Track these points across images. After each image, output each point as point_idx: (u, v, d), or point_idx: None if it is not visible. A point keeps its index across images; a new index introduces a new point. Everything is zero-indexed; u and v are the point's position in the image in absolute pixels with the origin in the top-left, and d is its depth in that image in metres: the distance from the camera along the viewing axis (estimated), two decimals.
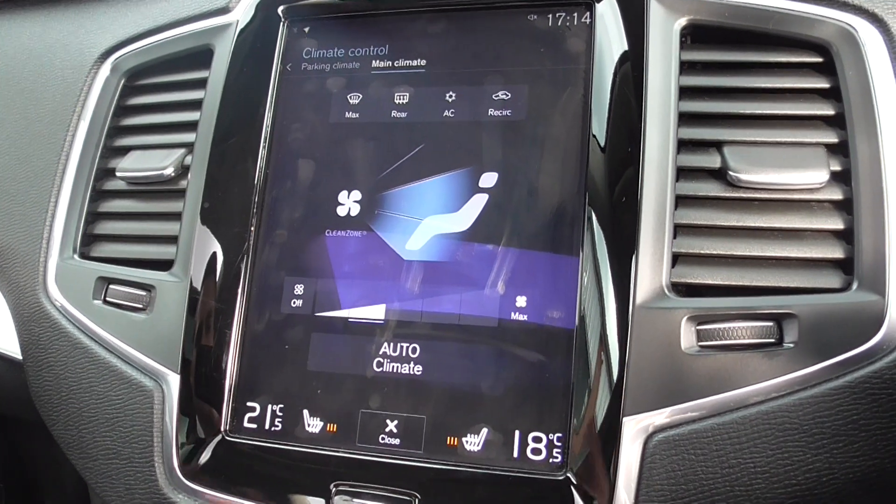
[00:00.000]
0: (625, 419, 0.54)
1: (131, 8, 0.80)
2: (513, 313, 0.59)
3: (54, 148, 0.77)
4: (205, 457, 0.63)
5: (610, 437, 0.55)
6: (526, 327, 0.59)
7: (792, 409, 0.52)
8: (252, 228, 0.66)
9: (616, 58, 0.60)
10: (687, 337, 0.54)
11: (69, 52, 0.81)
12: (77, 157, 0.76)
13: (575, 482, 0.55)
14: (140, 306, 0.69)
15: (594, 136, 0.59)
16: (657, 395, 0.54)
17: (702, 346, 0.54)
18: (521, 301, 0.59)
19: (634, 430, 0.54)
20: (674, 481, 0.53)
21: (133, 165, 0.73)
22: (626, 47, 0.60)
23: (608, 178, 0.58)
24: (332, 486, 0.59)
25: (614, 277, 0.57)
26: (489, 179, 0.62)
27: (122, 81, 0.78)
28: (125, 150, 0.75)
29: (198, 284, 0.66)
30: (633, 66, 0.60)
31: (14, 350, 0.79)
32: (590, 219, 0.58)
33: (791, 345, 0.53)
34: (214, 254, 0.67)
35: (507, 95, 0.63)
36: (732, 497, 0.53)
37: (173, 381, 0.65)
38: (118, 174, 0.73)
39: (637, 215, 0.57)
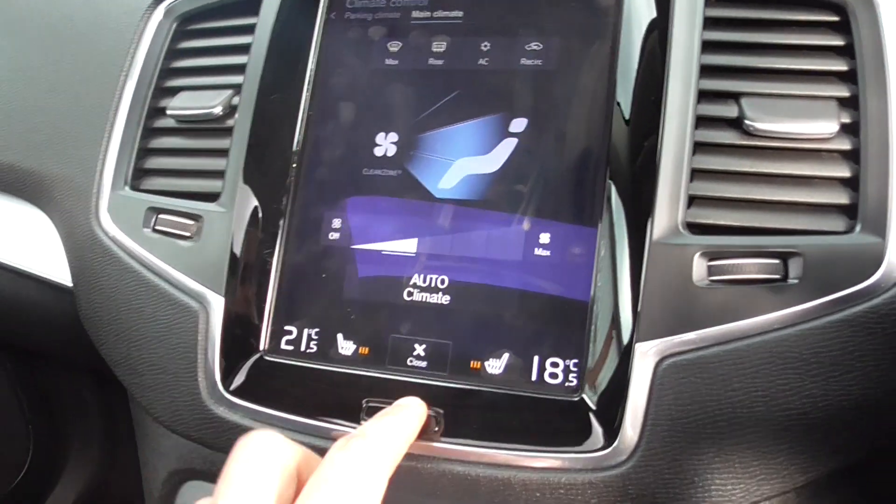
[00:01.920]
0: (637, 345, 0.58)
1: None
2: (536, 249, 0.63)
3: (108, 88, 0.82)
4: (244, 373, 0.68)
5: (622, 361, 0.59)
6: (548, 261, 0.63)
7: (793, 339, 0.56)
8: (294, 166, 0.71)
9: (643, 12, 0.64)
10: (699, 271, 0.58)
11: None
12: (130, 96, 0.81)
13: (589, 404, 0.59)
14: (188, 234, 0.73)
15: (621, 82, 0.63)
16: (669, 323, 0.58)
17: (712, 280, 0.58)
18: (545, 238, 0.63)
19: (646, 356, 0.58)
20: (681, 403, 0.58)
21: (183, 104, 0.77)
22: (653, 2, 0.64)
23: (632, 125, 0.62)
24: (363, 402, 0.64)
25: (633, 216, 0.60)
26: (519, 125, 0.66)
27: (175, 25, 0.82)
28: (176, 91, 0.79)
29: (243, 215, 0.71)
30: (659, 20, 0.63)
31: (62, 278, 0.85)
32: (613, 162, 0.62)
33: (795, 281, 0.57)
34: (259, 188, 0.71)
35: (539, 46, 0.67)
36: (735, 418, 0.57)
37: (217, 303, 0.70)
38: (168, 112, 0.78)
39: (657, 159, 0.61)
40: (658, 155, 0.60)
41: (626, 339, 0.59)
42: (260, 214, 0.70)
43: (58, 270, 0.85)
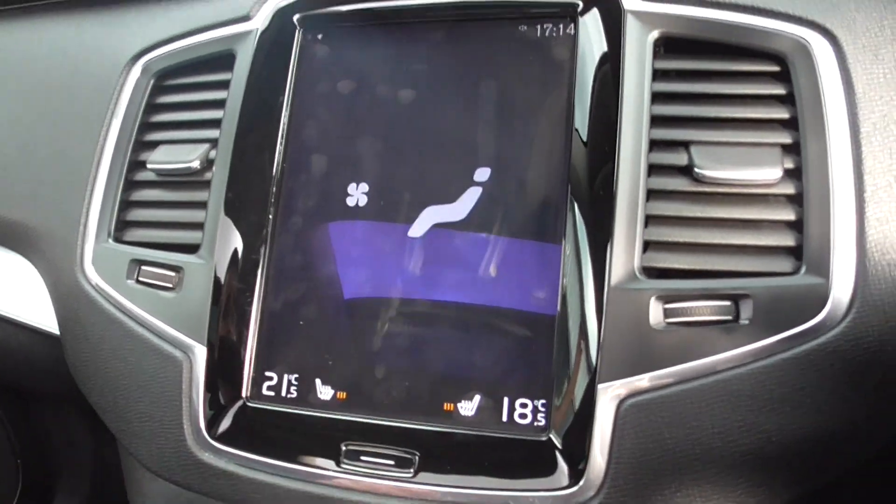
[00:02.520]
0: (599, 386, 0.62)
1: (160, 14, 0.87)
2: (503, 294, 0.66)
3: (90, 142, 0.84)
4: (228, 420, 0.71)
5: (586, 402, 0.62)
6: (514, 306, 0.66)
7: (746, 377, 0.59)
8: (270, 216, 0.74)
9: (596, 65, 0.67)
10: (655, 314, 0.61)
11: (103, 54, 0.88)
12: (111, 150, 0.83)
13: (556, 443, 0.63)
14: (170, 285, 0.76)
15: (577, 134, 0.66)
16: (628, 365, 0.61)
17: (668, 323, 0.61)
18: (510, 283, 0.67)
19: (608, 396, 0.61)
20: (643, 440, 0.61)
21: (162, 158, 0.80)
22: (605, 55, 0.67)
23: (588, 174, 0.65)
24: (342, 445, 0.67)
25: (592, 262, 0.64)
26: (483, 174, 0.69)
27: (152, 81, 0.85)
28: (155, 145, 0.82)
29: (222, 266, 0.73)
30: (611, 73, 0.66)
31: (49, 325, 0.87)
32: (572, 210, 0.65)
33: (746, 321, 0.60)
34: (237, 239, 0.74)
35: (500, 98, 0.70)
36: (693, 454, 0.60)
37: (200, 352, 0.73)
38: (149, 166, 0.80)
39: (613, 207, 0.64)
40: (614, 202, 0.63)
41: (588, 380, 0.62)
42: (239, 265, 0.73)
43: (46, 318, 0.87)
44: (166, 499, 0.79)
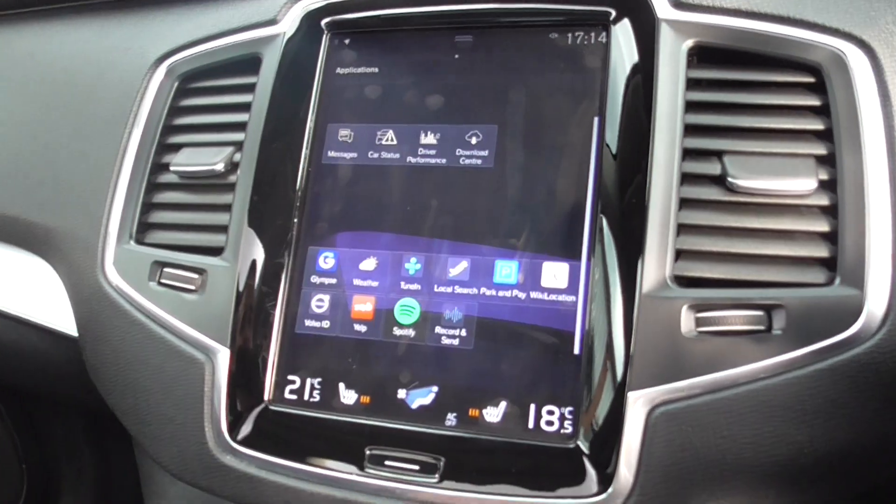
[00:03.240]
0: (629, 394, 0.61)
1: (185, 17, 0.87)
2: (533, 302, 0.66)
3: (113, 144, 0.84)
4: (250, 423, 0.71)
5: (616, 409, 0.61)
6: (544, 314, 0.66)
7: (778, 388, 0.59)
8: (295, 220, 0.73)
9: (628, 74, 0.67)
10: (687, 323, 0.61)
11: (128, 56, 0.88)
12: (134, 152, 0.83)
13: (584, 450, 0.62)
14: (193, 288, 0.76)
15: (607, 144, 0.66)
16: (659, 373, 0.61)
17: (700, 332, 0.61)
18: (541, 292, 0.66)
19: (638, 404, 0.61)
20: (673, 449, 0.60)
21: (186, 161, 0.80)
22: (638, 64, 0.67)
23: (619, 183, 0.65)
24: (366, 450, 0.66)
25: (623, 271, 0.63)
26: (516, 182, 0.69)
27: (176, 84, 0.85)
28: (178, 147, 0.82)
29: (246, 269, 0.73)
30: (643, 81, 0.66)
31: (66, 327, 0.87)
32: (602, 218, 0.65)
33: (779, 332, 0.59)
34: (261, 242, 0.74)
35: (530, 106, 0.70)
36: (724, 464, 0.60)
37: (223, 355, 0.72)
38: (172, 168, 0.80)
39: (645, 216, 0.63)
40: (646, 211, 0.63)
41: (618, 387, 0.62)
42: (262, 268, 0.73)
43: (60, 319, 0.87)
44: (186, 501, 0.78)
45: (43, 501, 1.33)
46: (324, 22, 0.78)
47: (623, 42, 0.68)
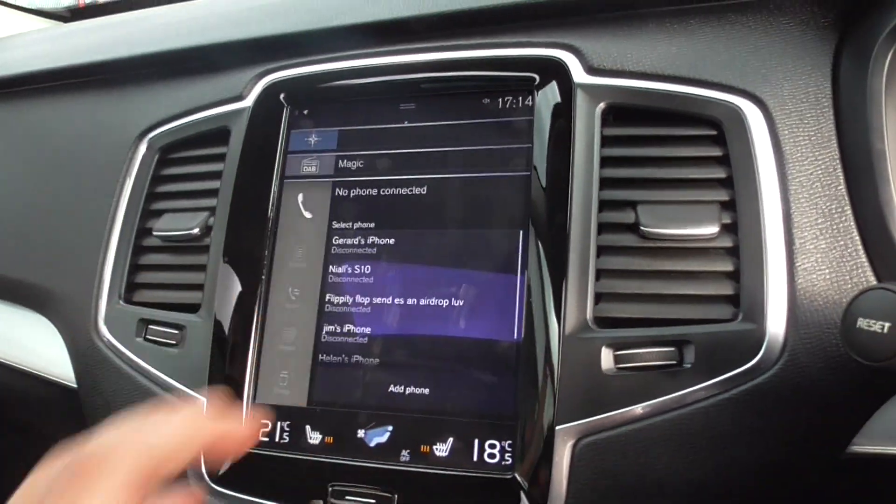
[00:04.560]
0: (557, 428, 0.67)
1: (163, 93, 0.95)
2: (470, 349, 0.73)
3: (103, 211, 0.92)
4: (226, 465, 0.78)
5: (546, 442, 0.67)
6: (481, 358, 0.72)
7: (691, 417, 0.65)
8: (263, 277, 0.81)
9: (550, 133, 0.74)
10: (606, 360, 0.67)
11: (113, 131, 0.96)
12: (121, 219, 0.91)
13: (520, 481, 0.68)
14: (174, 342, 0.83)
15: (533, 200, 0.73)
16: (583, 407, 0.67)
17: (619, 368, 0.67)
18: (477, 333, 0.73)
19: (565, 437, 0.67)
20: (598, 478, 0.66)
21: (167, 226, 0.88)
22: (559, 124, 0.74)
23: (545, 233, 0.72)
24: (329, 486, 0.73)
25: (548, 314, 0.69)
26: (453, 236, 0.76)
27: (157, 155, 0.93)
28: (160, 213, 0.90)
29: (219, 324, 0.80)
30: (564, 140, 0.73)
31: (67, 377, 0.95)
32: (529, 264, 0.71)
33: (689, 365, 0.65)
34: (232, 299, 0.81)
35: (467, 165, 0.77)
36: (644, 489, 0.66)
37: (201, 404, 0.79)
38: (154, 233, 0.88)
39: (566, 263, 0.70)
40: (567, 259, 0.70)
41: (547, 423, 0.68)
42: (234, 322, 0.80)
43: (62, 371, 0.95)
44: None
45: None
46: (282, 96, 0.85)
47: (545, 105, 0.75)
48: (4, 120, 1.10)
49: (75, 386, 0.92)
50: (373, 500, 0.72)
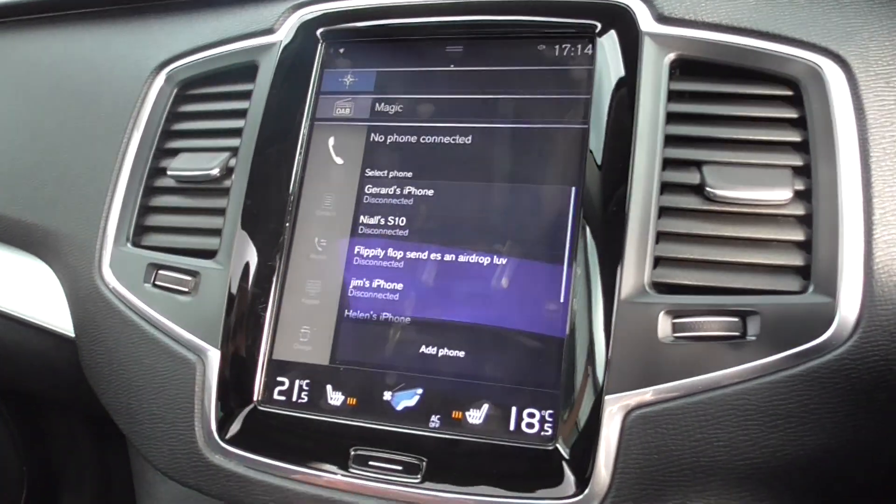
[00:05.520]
0: (606, 398, 0.62)
1: (185, 25, 0.89)
2: (515, 308, 0.68)
3: (112, 148, 0.86)
4: (238, 423, 0.72)
5: (593, 412, 0.63)
6: (526, 320, 0.67)
7: (752, 392, 0.60)
8: (287, 225, 0.75)
9: (613, 85, 0.69)
10: (664, 328, 0.63)
11: (128, 64, 0.90)
12: (132, 156, 0.85)
13: (562, 452, 0.63)
14: (186, 290, 0.77)
15: (591, 152, 0.68)
16: (636, 377, 0.62)
17: (676, 337, 0.62)
18: (523, 297, 0.68)
19: (615, 408, 0.62)
20: (648, 452, 0.62)
21: (183, 165, 0.82)
22: (622, 76, 0.69)
23: (601, 191, 0.67)
24: (351, 450, 0.68)
25: (603, 277, 0.65)
26: (500, 191, 0.71)
27: (175, 91, 0.87)
28: (176, 152, 0.84)
29: (238, 273, 0.75)
30: (627, 93, 0.68)
31: (64, 328, 0.89)
32: (584, 226, 0.67)
33: (753, 338, 0.61)
34: (253, 246, 0.75)
35: (517, 115, 0.72)
36: (698, 467, 0.61)
37: (213, 356, 0.74)
38: (169, 173, 0.82)
39: (625, 223, 0.65)
40: (626, 219, 0.65)
41: (596, 392, 0.63)
42: (254, 271, 0.75)
43: (59, 320, 0.89)
44: (176, 501, 0.79)
45: (43, 503, 1.34)
46: (319, 31, 0.80)
47: (608, 54, 0.70)
48: (7, 50, 1.03)
49: (72, 335, 0.86)
50: (399, 467, 0.67)
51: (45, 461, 1.34)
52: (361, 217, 0.74)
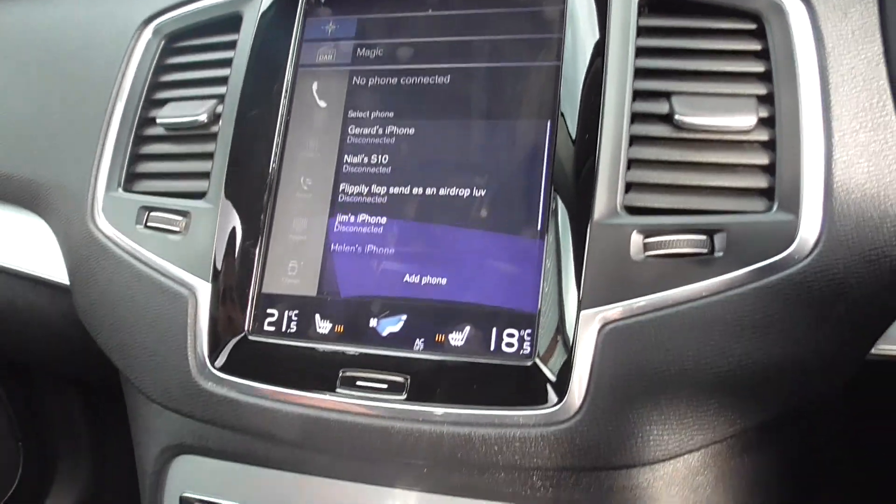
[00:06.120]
0: (581, 313, 0.66)
1: None
2: (492, 233, 0.71)
3: (102, 101, 0.89)
4: (229, 352, 0.75)
5: (569, 328, 0.66)
6: (503, 244, 0.70)
7: (719, 305, 0.63)
8: (273, 165, 0.78)
9: (584, 23, 0.72)
10: (635, 247, 0.66)
11: (115, 20, 0.93)
12: (122, 107, 0.88)
13: (540, 367, 0.67)
14: (177, 229, 0.80)
15: (564, 88, 0.71)
16: (609, 293, 0.65)
17: (648, 255, 0.65)
18: (500, 222, 0.71)
19: (589, 322, 0.65)
20: (621, 363, 0.65)
21: (171, 113, 0.84)
22: (593, 15, 0.72)
23: (575, 121, 0.70)
24: (339, 371, 0.71)
25: (577, 202, 0.68)
26: (477, 125, 0.74)
27: (163, 43, 0.89)
28: (164, 102, 0.87)
29: (228, 210, 0.78)
30: (598, 29, 0.71)
31: (57, 277, 0.91)
32: (559, 156, 0.70)
33: (720, 254, 0.64)
34: (242, 186, 0.78)
35: (493, 54, 0.75)
36: (669, 377, 0.64)
37: (204, 290, 0.77)
38: (158, 121, 0.85)
39: (597, 152, 0.68)
40: (598, 147, 0.68)
41: (572, 308, 0.66)
42: (243, 209, 0.77)
43: (53, 271, 0.91)
44: (169, 432, 0.82)
45: (40, 478, 1.36)
46: None
47: None
48: None
49: (67, 283, 0.89)
50: (384, 385, 0.70)
51: (42, 436, 1.36)
52: (345, 157, 0.77)
